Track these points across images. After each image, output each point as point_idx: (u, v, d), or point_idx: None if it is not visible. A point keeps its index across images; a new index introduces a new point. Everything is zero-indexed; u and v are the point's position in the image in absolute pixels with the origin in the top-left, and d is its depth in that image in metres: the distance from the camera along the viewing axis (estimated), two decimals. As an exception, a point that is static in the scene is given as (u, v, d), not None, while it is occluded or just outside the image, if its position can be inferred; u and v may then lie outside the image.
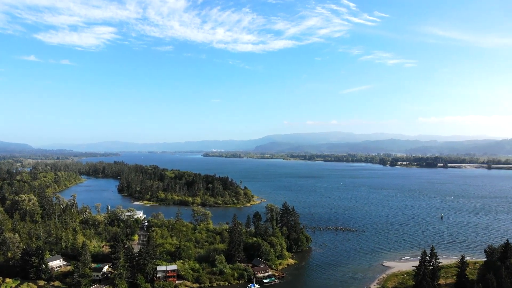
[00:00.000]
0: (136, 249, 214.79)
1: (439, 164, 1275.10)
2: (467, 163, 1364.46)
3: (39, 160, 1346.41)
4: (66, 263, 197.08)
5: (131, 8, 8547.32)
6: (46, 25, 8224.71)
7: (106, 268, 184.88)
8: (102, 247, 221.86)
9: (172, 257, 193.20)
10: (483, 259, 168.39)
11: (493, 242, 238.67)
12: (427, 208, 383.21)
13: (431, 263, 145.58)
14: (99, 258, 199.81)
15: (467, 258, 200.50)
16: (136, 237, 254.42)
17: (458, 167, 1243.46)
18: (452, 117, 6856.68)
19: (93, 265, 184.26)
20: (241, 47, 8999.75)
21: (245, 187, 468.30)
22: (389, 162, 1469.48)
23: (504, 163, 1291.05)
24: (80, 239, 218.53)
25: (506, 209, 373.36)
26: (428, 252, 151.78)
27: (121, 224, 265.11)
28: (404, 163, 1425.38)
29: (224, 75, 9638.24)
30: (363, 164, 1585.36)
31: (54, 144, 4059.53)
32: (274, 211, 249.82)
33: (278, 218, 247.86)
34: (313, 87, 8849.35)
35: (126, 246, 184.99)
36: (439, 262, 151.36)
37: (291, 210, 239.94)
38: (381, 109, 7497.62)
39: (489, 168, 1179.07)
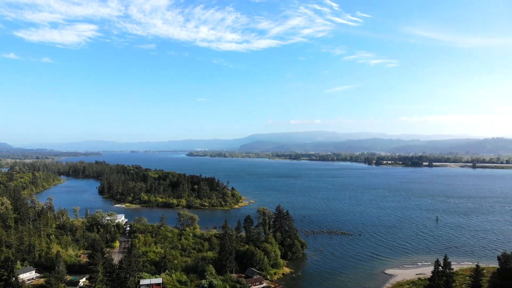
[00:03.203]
0: (117, 257, 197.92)
1: (424, 163, 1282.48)
2: (452, 162, 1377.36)
3: (18, 160, 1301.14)
4: (39, 275, 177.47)
5: (113, 5, 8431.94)
6: (26, 22, 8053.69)
7: (82, 281, 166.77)
8: (80, 256, 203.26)
9: (157, 267, 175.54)
10: (485, 264, 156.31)
11: (491, 246, 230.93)
12: (419, 209, 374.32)
13: (445, 273, 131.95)
14: (75, 269, 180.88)
15: (467, 264, 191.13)
16: (117, 243, 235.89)
17: (443, 166, 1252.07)
18: (434, 116, 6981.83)
19: (68, 278, 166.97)
20: (225, 46, 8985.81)
21: (233, 188, 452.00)
22: (374, 161, 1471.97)
23: (488, 162, 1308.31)
24: (55, 247, 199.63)
25: (498, 209, 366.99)
26: (441, 261, 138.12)
27: (101, 230, 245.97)
28: (389, 162, 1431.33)
29: (208, 74, 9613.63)
30: (348, 163, 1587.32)
31: (34, 143, 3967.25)
32: (266, 214, 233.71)
33: (271, 223, 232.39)
34: (297, 87, 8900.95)
35: (105, 255, 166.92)
36: (452, 272, 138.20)
37: (285, 214, 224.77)
38: (364, 108, 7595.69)
39: (474, 167, 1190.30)
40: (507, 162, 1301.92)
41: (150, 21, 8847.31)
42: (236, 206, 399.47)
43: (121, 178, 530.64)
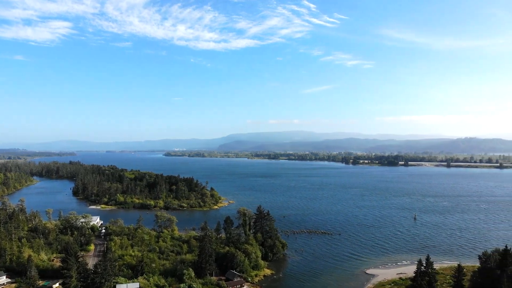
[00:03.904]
0: (92, 261, 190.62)
1: (400, 163, 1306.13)
2: (427, 162, 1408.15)
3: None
4: (10, 280, 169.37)
5: (88, 2, 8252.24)
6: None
7: (55, 286, 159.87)
8: (53, 260, 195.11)
9: (134, 271, 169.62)
10: (463, 263, 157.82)
11: (468, 245, 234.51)
12: (397, 208, 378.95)
13: (427, 273, 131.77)
14: (48, 274, 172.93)
15: (446, 263, 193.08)
16: (92, 247, 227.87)
17: (419, 165, 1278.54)
18: (408, 116, 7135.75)
19: (41, 283, 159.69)
20: (202, 45, 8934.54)
21: (212, 188, 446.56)
22: (351, 160, 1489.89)
23: (462, 162, 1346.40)
24: (26, 251, 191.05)
25: (474, 208, 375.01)
26: (423, 261, 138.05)
27: (75, 233, 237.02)
28: (366, 161, 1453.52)
29: (186, 73, 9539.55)
30: (326, 162, 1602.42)
31: (6, 143, 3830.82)
32: (247, 215, 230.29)
33: (252, 223, 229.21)
34: (275, 86, 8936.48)
35: (79, 259, 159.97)
36: (435, 272, 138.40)
37: (265, 214, 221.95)
38: (341, 108, 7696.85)
39: (448, 166, 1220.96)
40: (480, 161, 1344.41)
41: (126, 19, 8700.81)
42: (216, 207, 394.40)
43: (96, 179, 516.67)
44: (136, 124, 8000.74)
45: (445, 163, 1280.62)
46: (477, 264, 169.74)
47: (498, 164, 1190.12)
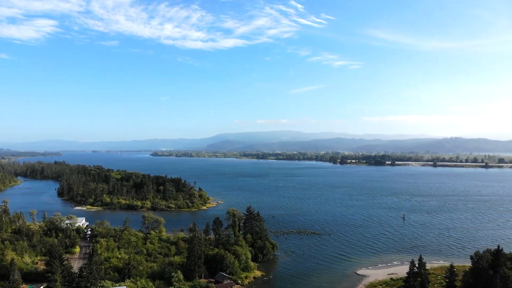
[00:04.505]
0: (77, 264, 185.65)
1: (387, 162, 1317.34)
2: (414, 161, 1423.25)
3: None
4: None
5: (74, 0, 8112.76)
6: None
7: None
8: (37, 263, 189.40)
9: (121, 274, 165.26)
10: (452, 262, 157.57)
11: (457, 245, 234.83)
12: (385, 208, 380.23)
13: (420, 274, 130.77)
14: (32, 277, 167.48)
15: (436, 263, 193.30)
16: (77, 249, 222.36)
17: (405, 165, 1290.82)
18: (395, 116, 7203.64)
19: (24, 287, 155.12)
20: (190, 44, 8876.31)
21: (200, 189, 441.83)
22: (339, 160, 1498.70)
23: (448, 161, 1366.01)
24: (9, 254, 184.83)
25: (461, 207, 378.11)
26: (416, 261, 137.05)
27: (60, 234, 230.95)
28: (353, 161, 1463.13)
29: (173, 72, 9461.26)
30: (314, 162, 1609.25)
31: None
32: (236, 216, 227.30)
33: (241, 224, 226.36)
34: (263, 86, 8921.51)
35: (64, 262, 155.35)
36: (428, 273, 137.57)
37: (255, 215, 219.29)
38: (329, 109, 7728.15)
39: (435, 165, 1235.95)
40: (466, 161, 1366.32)
41: (112, 17, 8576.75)
42: (204, 207, 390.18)
43: (81, 179, 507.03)
44: (123, 123, 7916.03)
45: (431, 163, 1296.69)
46: (467, 263, 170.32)
47: (484, 164, 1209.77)
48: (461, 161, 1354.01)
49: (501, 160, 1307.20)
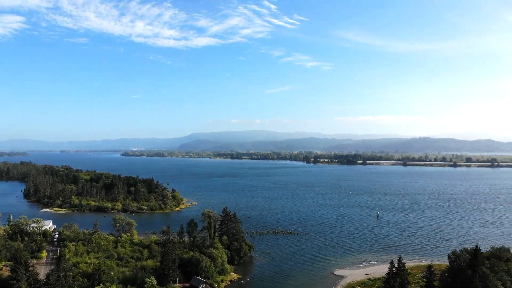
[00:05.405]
0: (44, 270, 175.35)
1: (358, 161, 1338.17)
2: (384, 160, 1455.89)
3: None
4: None
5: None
6: None
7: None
8: (1, 269, 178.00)
9: (90, 280, 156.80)
10: (428, 262, 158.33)
11: (430, 243, 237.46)
12: (359, 206, 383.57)
13: (399, 274, 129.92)
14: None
15: (412, 262, 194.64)
16: (44, 253, 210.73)
17: (377, 164, 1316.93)
18: (365, 117, 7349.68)
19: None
20: (162, 42, 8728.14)
21: (173, 190, 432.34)
22: (312, 159, 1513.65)
23: (418, 160, 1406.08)
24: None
25: (433, 206, 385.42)
26: (396, 262, 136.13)
27: (26, 238, 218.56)
28: (326, 160, 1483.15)
29: (145, 70, 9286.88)
30: (288, 161, 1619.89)
31: None
32: (212, 218, 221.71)
33: (217, 226, 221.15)
34: (237, 86, 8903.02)
35: (30, 268, 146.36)
36: (407, 273, 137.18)
37: (232, 216, 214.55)
38: (302, 109, 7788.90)
39: (405, 165, 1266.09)
40: (435, 160, 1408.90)
41: (82, 14, 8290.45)
42: (177, 209, 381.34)
43: (49, 180, 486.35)
44: (93, 123, 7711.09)
45: (402, 162, 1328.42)
46: (443, 262, 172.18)
47: (452, 163, 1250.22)
48: (430, 160, 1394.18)
49: (468, 159, 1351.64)
